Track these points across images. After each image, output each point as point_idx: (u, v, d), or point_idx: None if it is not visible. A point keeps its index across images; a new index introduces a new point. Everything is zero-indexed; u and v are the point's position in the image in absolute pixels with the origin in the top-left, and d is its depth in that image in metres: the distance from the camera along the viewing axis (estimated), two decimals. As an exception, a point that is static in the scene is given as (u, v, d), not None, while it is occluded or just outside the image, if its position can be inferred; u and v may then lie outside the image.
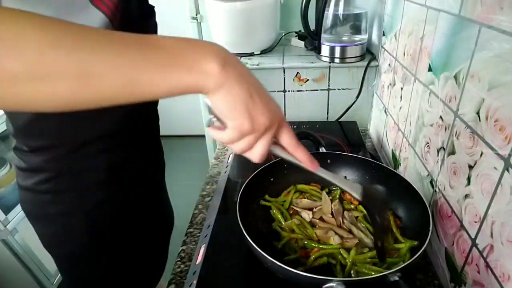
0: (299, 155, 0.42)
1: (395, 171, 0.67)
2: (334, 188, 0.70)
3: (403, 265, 0.46)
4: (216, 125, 0.38)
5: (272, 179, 0.71)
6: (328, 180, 0.49)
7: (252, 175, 0.65)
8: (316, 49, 1.12)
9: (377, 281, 0.45)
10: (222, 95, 0.32)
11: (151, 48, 0.30)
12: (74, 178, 0.56)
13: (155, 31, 0.63)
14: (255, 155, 0.38)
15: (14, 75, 0.25)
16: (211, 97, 0.33)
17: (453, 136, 0.55)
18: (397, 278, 0.45)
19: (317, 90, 1.09)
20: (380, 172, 0.68)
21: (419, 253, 0.48)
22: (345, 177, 0.72)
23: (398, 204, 0.65)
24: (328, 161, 0.74)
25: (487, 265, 0.45)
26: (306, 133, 0.81)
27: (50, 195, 0.57)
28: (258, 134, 0.36)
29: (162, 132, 0.75)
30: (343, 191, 0.68)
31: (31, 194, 0.58)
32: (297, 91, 1.10)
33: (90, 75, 0.27)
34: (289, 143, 0.41)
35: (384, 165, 0.69)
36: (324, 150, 0.77)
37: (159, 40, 0.31)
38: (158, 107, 0.75)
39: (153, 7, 0.62)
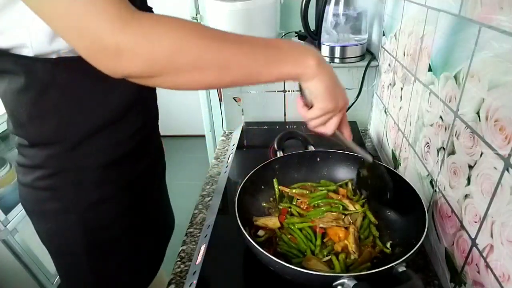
0: (345, 130, 0.55)
1: (395, 171, 0.67)
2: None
3: (408, 255, 0.47)
4: (303, 105, 0.51)
5: (272, 178, 0.71)
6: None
7: (249, 174, 0.65)
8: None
9: (385, 273, 0.46)
10: (316, 82, 0.46)
11: (271, 49, 0.43)
12: (71, 176, 0.56)
13: None
14: (329, 128, 0.51)
15: (180, 67, 0.37)
16: (308, 83, 0.46)
17: (453, 136, 0.55)
18: (404, 269, 0.46)
19: (317, 90, 1.09)
20: (379, 171, 0.68)
21: (420, 242, 0.49)
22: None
23: (397, 203, 0.65)
24: (318, 159, 0.75)
25: (487, 265, 0.45)
26: (293, 132, 0.82)
27: (48, 192, 0.58)
28: (335, 113, 0.50)
29: (162, 132, 0.74)
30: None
31: (30, 190, 0.59)
32: (297, 91, 1.09)
33: (228, 67, 0.40)
34: (344, 120, 0.54)
35: (384, 164, 0.69)
36: (313, 149, 0.78)
37: (277, 42, 0.44)
38: (159, 108, 0.74)
39: (151, 8, 0.62)
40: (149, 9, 0.62)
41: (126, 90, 0.55)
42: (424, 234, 0.51)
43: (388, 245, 0.60)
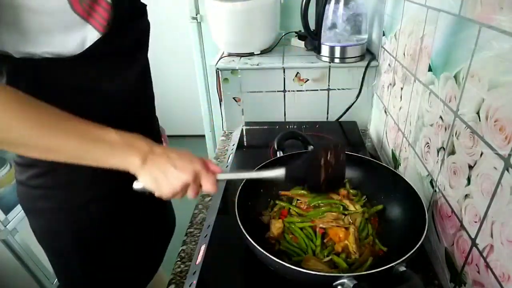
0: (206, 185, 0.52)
1: (395, 171, 0.67)
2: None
3: (408, 255, 0.47)
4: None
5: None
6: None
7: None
8: (316, 49, 1.12)
9: (385, 273, 0.46)
10: (143, 176, 0.48)
11: (99, 144, 0.45)
12: (63, 175, 0.57)
13: (147, 31, 0.62)
14: (189, 197, 0.51)
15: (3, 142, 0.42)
16: (138, 176, 0.48)
17: (453, 136, 0.55)
18: (404, 269, 0.46)
19: (317, 90, 1.09)
20: (379, 171, 0.68)
21: (420, 242, 0.49)
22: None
23: (397, 203, 0.65)
24: None
25: (487, 265, 0.46)
26: (294, 132, 0.81)
27: (40, 190, 0.58)
28: (179, 190, 0.49)
29: (162, 132, 0.74)
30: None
31: (25, 188, 0.60)
32: (297, 91, 1.10)
33: (53, 151, 0.45)
34: (208, 187, 0.51)
35: (384, 164, 0.69)
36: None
37: (107, 135, 0.46)
38: (158, 108, 0.74)
39: (145, 5, 0.61)
40: (143, 8, 0.61)
41: (123, 87, 0.55)
42: (424, 234, 0.51)
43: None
